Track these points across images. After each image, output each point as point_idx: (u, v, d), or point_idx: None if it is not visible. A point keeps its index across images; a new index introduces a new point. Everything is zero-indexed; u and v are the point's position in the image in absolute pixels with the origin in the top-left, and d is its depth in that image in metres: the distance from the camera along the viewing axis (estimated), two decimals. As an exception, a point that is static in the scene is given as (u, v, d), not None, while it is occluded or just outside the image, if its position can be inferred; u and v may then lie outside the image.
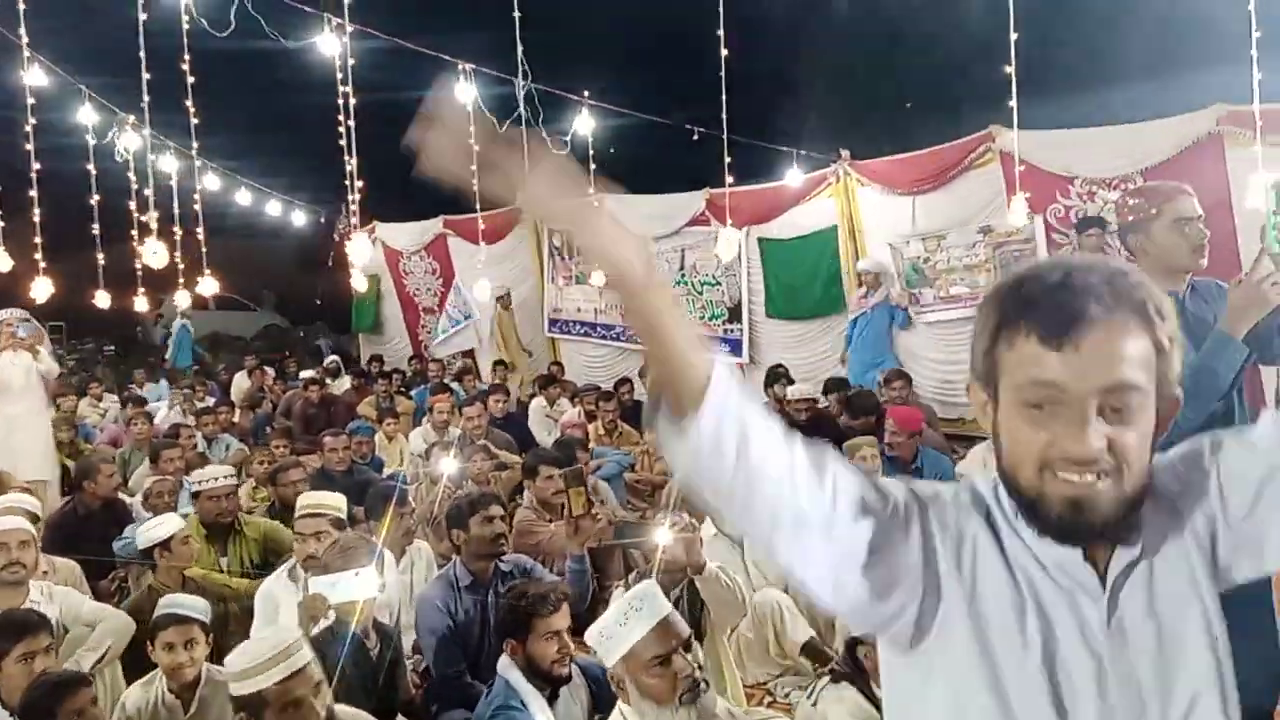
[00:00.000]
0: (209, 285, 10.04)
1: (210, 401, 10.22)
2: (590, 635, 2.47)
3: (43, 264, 8.76)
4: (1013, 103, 6.69)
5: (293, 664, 2.52)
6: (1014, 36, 6.31)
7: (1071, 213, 7.72)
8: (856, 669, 2.79)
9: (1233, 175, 6.56)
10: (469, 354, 12.90)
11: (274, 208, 15.33)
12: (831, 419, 7.04)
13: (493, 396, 8.45)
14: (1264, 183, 2.86)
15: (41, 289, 9.00)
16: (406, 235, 13.49)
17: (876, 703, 2.74)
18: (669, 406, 1.03)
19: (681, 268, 10.78)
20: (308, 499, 4.23)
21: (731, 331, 10.40)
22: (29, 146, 9.01)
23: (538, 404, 9.24)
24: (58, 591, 3.93)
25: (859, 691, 2.73)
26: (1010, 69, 6.46)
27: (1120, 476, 1.05)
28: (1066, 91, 9.97)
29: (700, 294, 10.67)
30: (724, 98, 7.64)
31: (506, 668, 3.00)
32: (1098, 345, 1.03)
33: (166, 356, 14.82)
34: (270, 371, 12.30)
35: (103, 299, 10.23)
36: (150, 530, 4.25)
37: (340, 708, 2.82)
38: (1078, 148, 7.53)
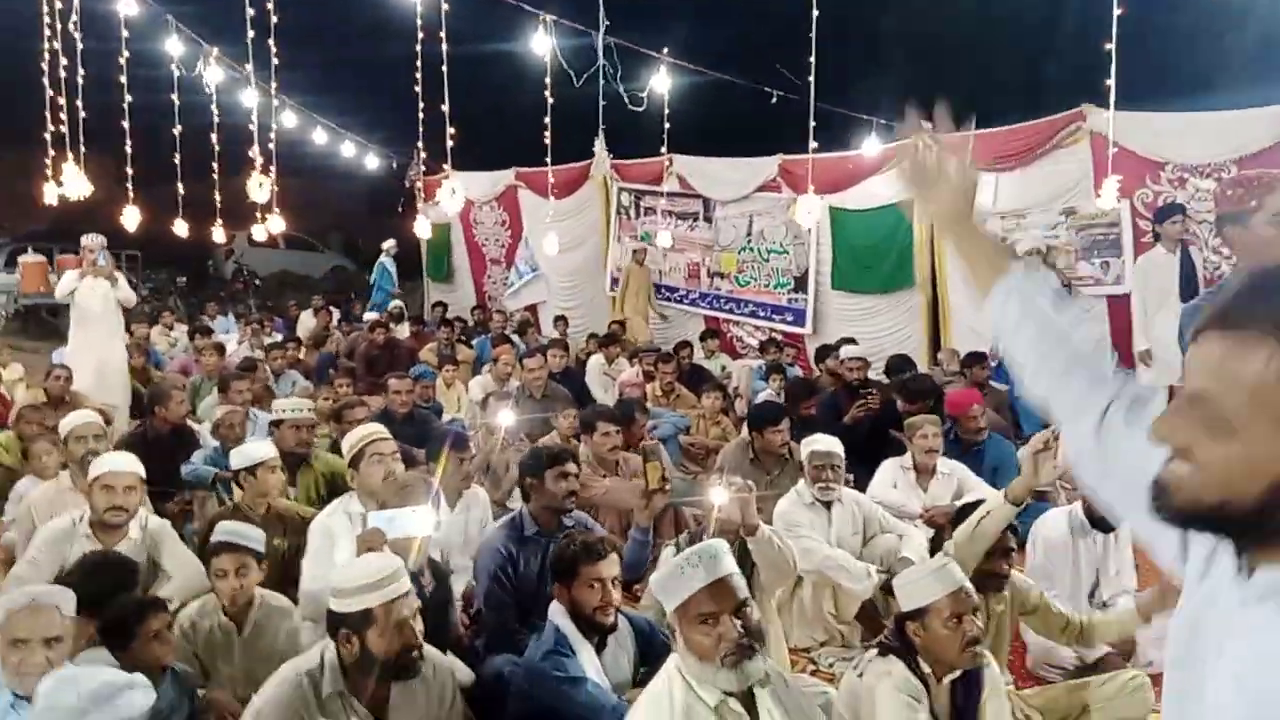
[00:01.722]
0: (276, 224, 10.20)
1: (278, 338, 10.44)
2: (653, 578, 2.49)
3: (131, 193, 8.97)
4: (1110, 80, 6.47)
5: (401, 586, 2.58)
6: (1117, 12, 6.08)
7: (1160, 199, 7.48)
8: (905, 644, 2.75)
9: (1334, 169, 6.30)
10: (530, 308, 12.98)
11: (347, 149, 15.46)
12: (891, 399, 6.82)
13: (551, 350, 8.48)
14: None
15: (131, 218, 9.25)
16: (479, 185, 13.49)
17: (924, 678, 2.70)
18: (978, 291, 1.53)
19: (749, 233, 10.68)
20: (366, 430, 4.24)
21: (796, 301, 10.29)
22: (122, 78, 9.20)
23: (596, 362, 9.26)
24: (152, 529, 3.96)
25: (906, 666, 2.69)
26: (1111, 45, 6.23)
27: (1197, 478, 1.03)
28: (1162, 74, 9.59)
29: (766, 261, 10.56)
30: (813, 60, 7.46)
31: (557, 614, 3.03)
32: (1204, 351, 1.03)
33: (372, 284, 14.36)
34: (335, 312, 12.49)
35: (181, 228, 10.45)
36: (246, 451, 4.34)
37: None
38: (1171, 132, 7.30)
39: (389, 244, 13.98)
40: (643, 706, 2.42)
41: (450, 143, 8.43)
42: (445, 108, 8.12)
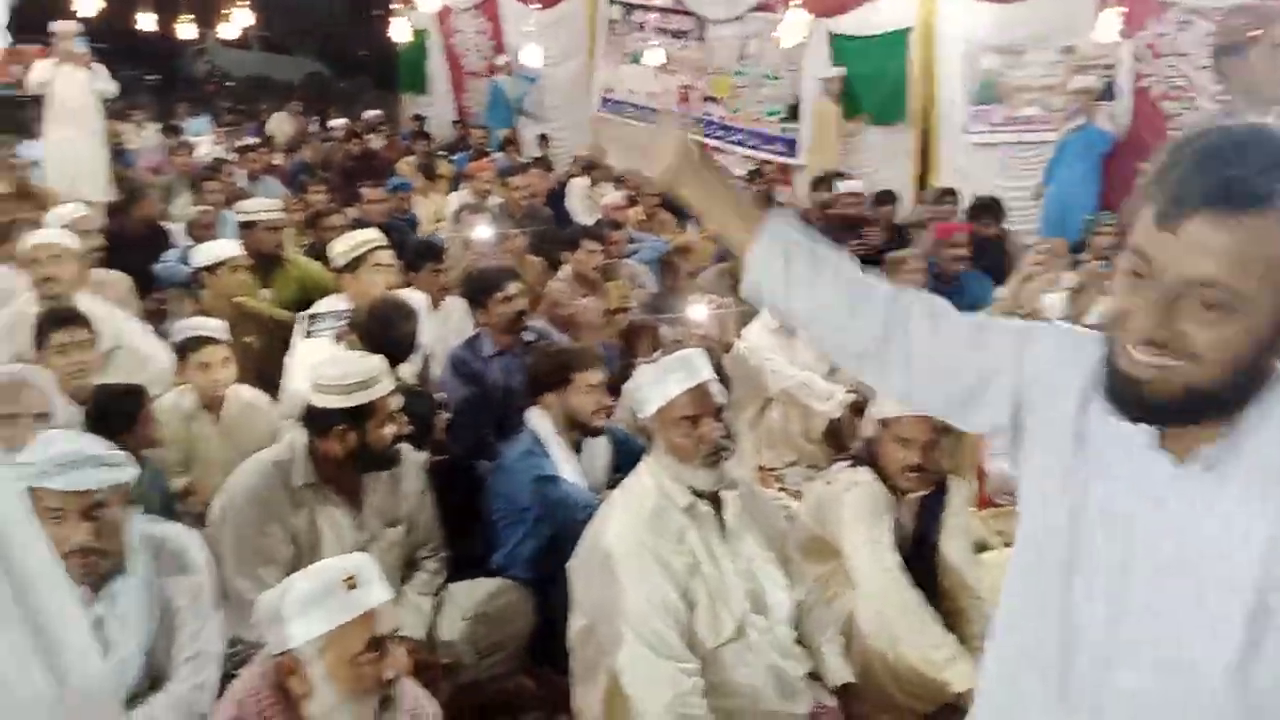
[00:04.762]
0: (243, 17, 9.73)
1: (250, 141, 10.16)
2: (628, 387, 2.53)
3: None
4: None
5: (390, 382, 2.73)
6: None
7: (1161, 41, 7.24)
8: (873, 458, 2.83)
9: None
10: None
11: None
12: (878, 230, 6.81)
13: (534, 170, 8.32)
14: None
15: (88, 3, 8.75)
16: (458, -12, 12.80)
17: (893, 489, 2.79)
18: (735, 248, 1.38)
19: (742, 57, 10.28)
20: (365, 235, 4.17)
21: (788, 131, 10.02)
22: None
23: (579, 184, 9.09)
24: (105, 309, 3.84)
25: (876, 478, 2.78)
26: None
27: (1190, 367, 1.01)
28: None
29: (760, 87, 10.21)
30: None
31: (536, 418, 3.09)
32: (1197, 235, 0.97)
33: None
34: (313, 119, 12.10)
35: (147, 21, 9.97)
36: (209, 249, 4.31)
37: None
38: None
39: (501, 60, 12.09)
40: (618, 503, 2.50)
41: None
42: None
